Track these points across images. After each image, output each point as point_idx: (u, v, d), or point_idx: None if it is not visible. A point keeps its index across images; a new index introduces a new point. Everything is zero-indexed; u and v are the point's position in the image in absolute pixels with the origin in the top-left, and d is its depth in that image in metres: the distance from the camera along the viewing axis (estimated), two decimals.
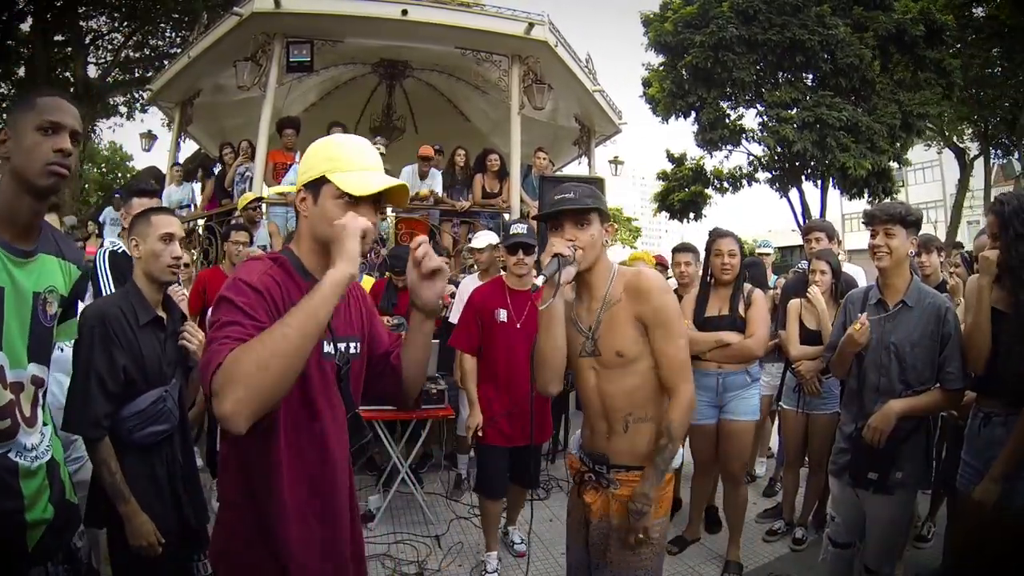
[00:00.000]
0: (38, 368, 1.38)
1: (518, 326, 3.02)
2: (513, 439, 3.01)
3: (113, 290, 2.58)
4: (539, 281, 1.60)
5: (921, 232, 2.47)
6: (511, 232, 3.13)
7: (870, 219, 2.26)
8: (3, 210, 1.31)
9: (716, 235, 3.16)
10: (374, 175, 1.26)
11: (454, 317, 4.10)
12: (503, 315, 3.03)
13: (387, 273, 4.63)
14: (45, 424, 1.44)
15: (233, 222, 5.02)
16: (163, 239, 1.84)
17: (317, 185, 1.24)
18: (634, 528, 1.65)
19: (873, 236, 2.24)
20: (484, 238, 4.22)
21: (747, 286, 3.12)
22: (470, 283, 4.15)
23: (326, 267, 1.17)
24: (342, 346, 1.33)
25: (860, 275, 3.94)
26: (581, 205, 1.66)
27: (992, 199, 2.09)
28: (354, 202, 1.22)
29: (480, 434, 3.04)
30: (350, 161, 1.25)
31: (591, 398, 1.78)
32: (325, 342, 1.27)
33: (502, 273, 3.33)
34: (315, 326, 1.07)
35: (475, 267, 4.44)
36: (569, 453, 1.94)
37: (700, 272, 3.50)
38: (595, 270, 1.72)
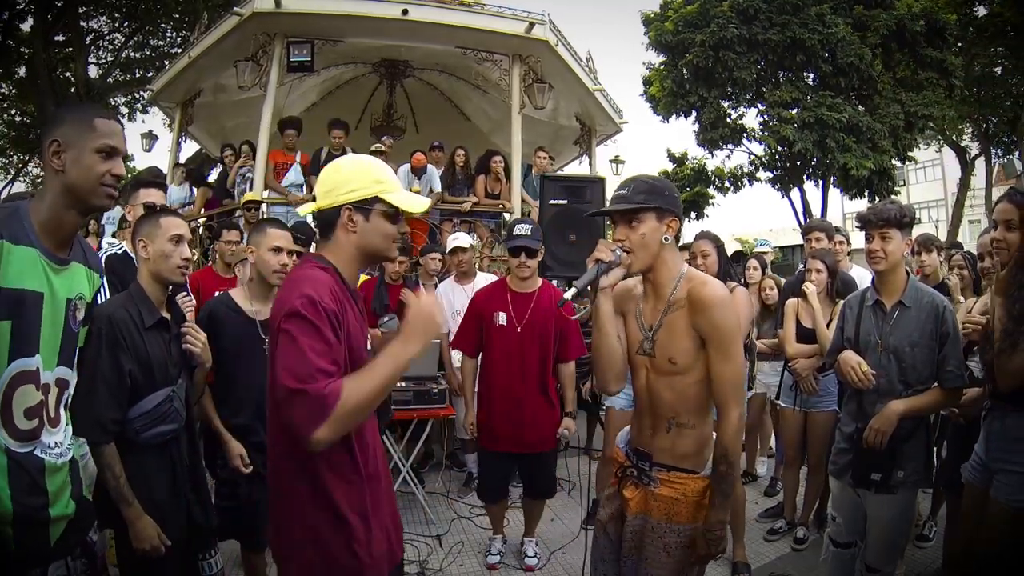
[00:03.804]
0: (64, 371, 1.44)
1: (519, 329, 2.95)
2: (513, 444, 2.97)
3: (108, 295, 2.59)
4: (569, 295, 1.62)
5: (921, 231, 2.47)
6: (514, 233, 3.01)
7: (864, 223, 2.25)
8: (51, 220, 1.37)
9: (695, 238, 3.24)
10: (411, 194, 1.51)
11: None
12: (502, 318, 2.98)
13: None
14: (68, 424, 1.49)
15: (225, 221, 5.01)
16: (172, 240, 1.85)
17: (368, 204, 1.40)
18: (709, 555, 1.68)
19: (868, 240, 2.23)
20: (464, 239, 4.18)
21: (730, 284, 3.12)
22: (447, 287, 4.13)
23: (357, 274, 1.45)
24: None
25: (867, 279, 3.92)
26: (627, 205, 1.63)
27: (1004, 193, 2.08)
28: (397, 217, 1.44)
29: (475, 433, 3.05)
30: (392, 182, 1.44)
31: (641, 395, 1.78)
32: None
33: (506, 275, 3.27)
34: (397, 372, 1.34)
35: (451, 269, 4.35)
36: (616, 447, 1.94)
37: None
38: (657, 269, 1.68)
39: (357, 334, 1.40)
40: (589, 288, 1.66)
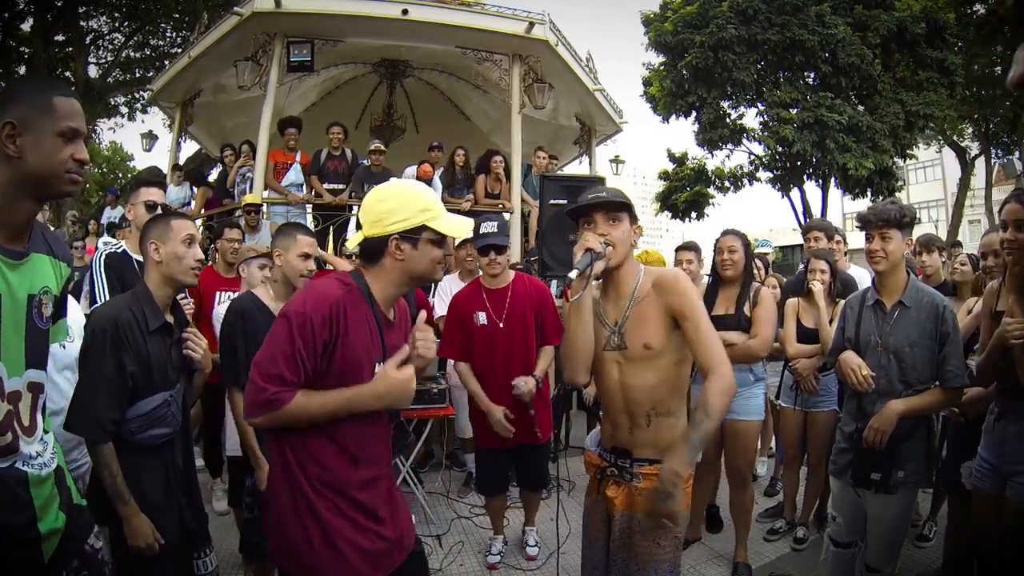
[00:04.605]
0: (35, 374, 1.32)
1: (501, 325, 2.96)
2: (510, 439, 2.98)
3: (107, 294, 2.58)
4: (573, 275, 1.63)
5: (921, 231, 2.47)
6: (480, 232, 2.98)
7: (864, 223, 2.25)
8: (0, 211, 1.23)
9: (721, 233, 3.20)
10: (456, 217, 1.55)
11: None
12: (482, 318, 2.99)
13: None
14: (46, 431, 1.40)
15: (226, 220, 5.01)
16: (185, 241, 1.84)
17: (416, 232, 1.44)
18: (660, 511, 1.59)
19: (869, 240, 2.24)
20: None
21: (755, 285, 3.12)
22: (450, 282, 4.13)
23: (398, 295, 1.52)
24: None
25: (865, 278, 3.93)
26: (617, 199, 1.73)
27: (1012, 193, 2.07)
28: (443, 241, 1.49)
29: (511, 423, 2.94)
30: (438, 207, 1.48)
31: (613, 393, 1.79)
32: (377, 363, 1.48)
33: (479, 274, 3.24)
34: (344, 412, 1.41)
35: (454, 267, 4.34)
36: (587, 451, 1.95)
37: (700, 269, 3.54)
38: (623, 267, 1.77)
39: (360, 353, 1.43)
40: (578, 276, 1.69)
